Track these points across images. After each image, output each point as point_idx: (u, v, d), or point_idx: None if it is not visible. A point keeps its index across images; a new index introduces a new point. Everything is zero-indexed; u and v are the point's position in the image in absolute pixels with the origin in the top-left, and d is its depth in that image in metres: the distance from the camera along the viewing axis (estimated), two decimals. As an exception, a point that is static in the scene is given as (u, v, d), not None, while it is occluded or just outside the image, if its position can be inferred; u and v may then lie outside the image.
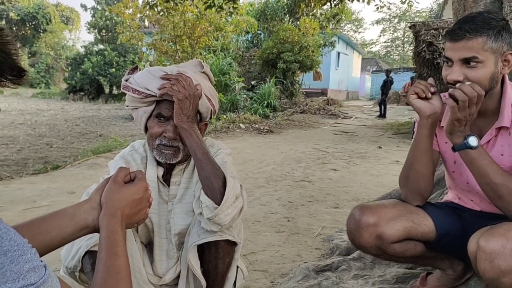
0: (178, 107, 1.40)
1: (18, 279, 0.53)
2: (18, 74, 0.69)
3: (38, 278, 0.56)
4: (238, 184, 1.39)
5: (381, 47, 60.25)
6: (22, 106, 15.10)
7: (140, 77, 1.49)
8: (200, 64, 1.59)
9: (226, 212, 1.33)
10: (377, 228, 1.48)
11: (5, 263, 0.52)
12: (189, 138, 1.42)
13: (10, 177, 4.59)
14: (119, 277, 0.82)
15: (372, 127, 11.71)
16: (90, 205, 0.93)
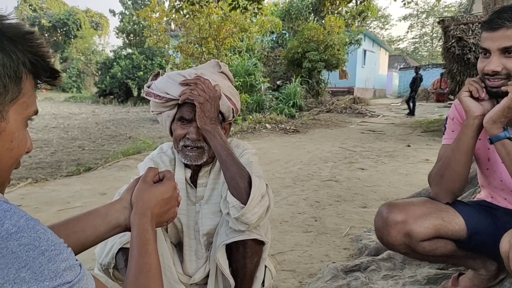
0: (200, 110, 1.42)
1: (55, 278, 0.55)
2: (52, 76, 0.73)
3: (74, 276, 0.58)
4: (264, 183, 1.40)
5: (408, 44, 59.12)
6: (55, 110, 15.58)
7: (160, 83, 1.52)
8: (217, 64, 1.61)
9: (253, 211, 1.35)
10: (406, 226, 1.46)
11: (43, 262, 0.54)
12: (213, 140, 1.43)
13: (45, 179, 4.75)
14: (150, 275, 0.84)
15: (401, 125, 11.50)
16: (121, 205, 0.96)
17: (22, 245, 0.53)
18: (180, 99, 1.45)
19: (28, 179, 4.66)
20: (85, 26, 33.97)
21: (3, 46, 0.63)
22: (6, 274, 0.51)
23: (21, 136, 0.70)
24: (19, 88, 0.66)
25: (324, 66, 16.13)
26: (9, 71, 0.64)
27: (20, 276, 0.52)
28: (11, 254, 0.52)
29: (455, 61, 8.90)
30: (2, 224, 0.53)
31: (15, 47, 0.65)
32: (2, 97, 0.64)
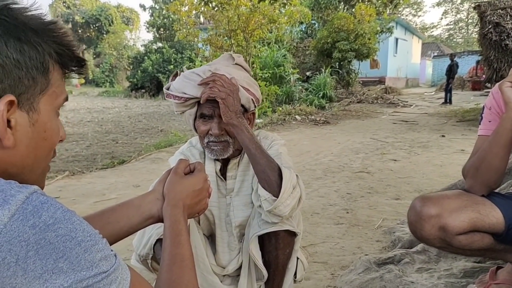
0: (223, 106, 1.41)
1: (91, 267, 0.57)
2: (79, 64, 0.74)
3: (110, 266, 0.60)
4: (294, 174, 1.39)
5: (442, 31, 57.37)
6: (89, 105, 16.03)
7: (177, 83, 1.53)
8: (231, 56, 1.59)
9: (285, 203, 1.34)
10: (440, 220, 1.43)
11: (79, 252, 0.56)
12: (241, 134, 1.43)
13: (81, 172, 4.91)
14: (184, 265, 0.85)
15: (434, 115, 11.19)
16: (154, 196, 0.98)
17: (59, 236, 0.55)
18: (202, 99, 1.44)
19: (65, 171, 4.83)
20: (117, 21, 34.65)
21: (28, 38, 0.63)
22: (44, 264, 0.53)
23: (54, 126, 0.72)
24: (47, 79, 0.67)
25: (354, 56, 15.87)
26: (36, 63, 0.65)
27: (58, 266, 0.54)
28: (49, 245, 0.54)
29: (492, 48, 8.57)
30: (40, 216, 0.54)
31: (40, 38, 0.65)
32: (32, 89, 0.65)
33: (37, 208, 0.55)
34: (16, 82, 0.63)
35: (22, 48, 0.63)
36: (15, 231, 0.52)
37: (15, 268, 0.51)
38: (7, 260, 0.51)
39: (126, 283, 0.62)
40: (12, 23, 0.62)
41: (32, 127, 0.66)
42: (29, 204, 0.55)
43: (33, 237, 0.53)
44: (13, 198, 0.54)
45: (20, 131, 0.65)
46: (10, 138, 0.63)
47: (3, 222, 0.52)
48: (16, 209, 0.53)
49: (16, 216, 0.53)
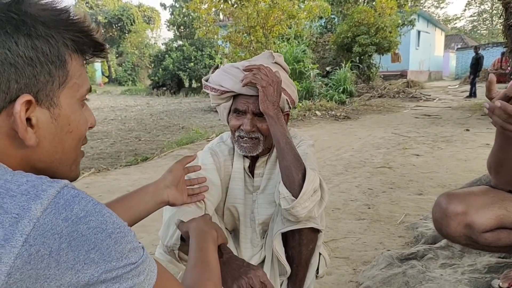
0: (263, 94, 1.42)
1: (121, 258, 0.59)
2: (98, 49, 0.72)
3: (138, 257, 0.62)
4: (318, 177, 1.38)
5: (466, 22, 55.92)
6: (112, 103, 16.30)
7: (215, 76, 1.55)
8: (271, 55, 1.60)
9: (303, 205, 1.33)
10: (466, 217, 1.42)
11: (110, 244, 0.58)
12: (274, 126, 1.42)
13: (106, 169, 5.02)
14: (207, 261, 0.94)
15: (458, 108, 10.97)
16: (164, 184, 1.15)
17: (90, 228, 0.57)
18: (243, 83, 1.45)
19: (91, 169, 4.95)
20: (138, 20, 35.04)
21: (38, 33, 0.62)
22: (77, 255, 0.55)
23: (78, 117, 0.70)
24: (66, 71, 0.66)
25: (375, 50, 15.67)
26: (50, 57, 0.63)
27: (90, 257, 0.56)
28: (81, 237, 0.56)
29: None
30: (72, 209, 0.56)
31: (51, 31, 0.63)
32: (50, 84, 0.64)
33: (69, 202, 0.56)
34: (32, 80, 0.62)
35: (33, 44, 0.61)
36: (48, 224, 0.54)
37: (48, 260, 0.53)
38: (41, 252, 0.53)
39: (153, 275, 0.64)
40: (20, 19, 0.61)
41: (54, 122, 0.66)
42: (61, 198, 0.56)
43: (66, 229, 0.55)
44: (44, 193, 0.56)
45: (43, 128, 0.64)
46: (31, 138, 0.63)
47: (36, 216, 0.53)
48: (48, 203, 0.55)
49: (49, 210, 0.54)
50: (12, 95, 0.61)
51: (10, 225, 0.52)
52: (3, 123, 0.62)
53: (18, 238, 0.52)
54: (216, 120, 9.72)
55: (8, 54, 0.60)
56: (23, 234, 0.52)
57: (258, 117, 1.50)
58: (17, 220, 0.53)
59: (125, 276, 0.59)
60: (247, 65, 1.49)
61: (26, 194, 0.55)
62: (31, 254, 0.52)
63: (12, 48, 0.60)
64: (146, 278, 0.62)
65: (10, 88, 0.61)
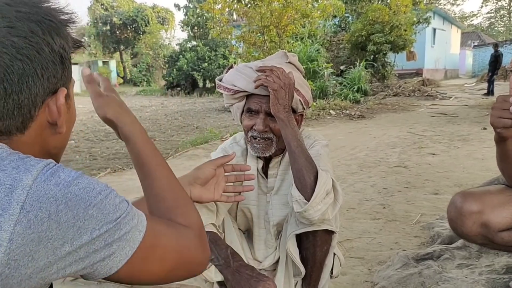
0: (274, 97, 1.41)
1: (116, 210, 0.64)
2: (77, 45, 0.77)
3: (127, 206, 0.67)
4: (330, 179, 1.36)
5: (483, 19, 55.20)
6: (128, 104, 15.94)
7: (229, 75, 1.55)
8: (285, 54, 1.59)
9: (316, 208, 1.32)
10: (482, 216, 1.40)
11: (103, 199, 0.63)
12: (285, 128, 1.42)
13: (122, 169, 5.08)
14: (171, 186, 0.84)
15: (475, 107, 10.80)
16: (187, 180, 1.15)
17: (82, 189, 0.61)
18: (255, 85, 1.45)
19: (107, 169, 5.02)
20: (153, 21, 35.31)
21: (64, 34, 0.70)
22: (76, 214, 0.59)
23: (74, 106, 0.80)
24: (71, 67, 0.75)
25: (390, 48, 15.53)
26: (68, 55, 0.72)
27: (89, 213, 0.60)
28: (76, 197, 0.60)
29: (538, 35, 8.16)
30: (59, 176, 0.61)
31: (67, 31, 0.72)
32: (69, 79, 0.73)
33: (55, 171, 0.61)
34: (62, 76, 0.71)
35: (61, 44, 0.69)
36: (41, 190, 0.58)
37: (48, 222, 0.57)
38: (40, 216, 0.56)
39: (142, 218, 0.69)
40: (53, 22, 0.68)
41: (68, 112, 0.75)
42: (48, 169, 0.61)
43: (59, 192, 0.59)
44: (33, 167, 0.60)
45: (64, 118, 0.73)
46: (63, 126, 0.72)
47: (28, 184, 0.58)
48: (37, 174, 0.59)
49: (39, 178, 0.59)
50: (51, 89, 0.69)
51: (6, 195, 0.56)
52: (41, 115, 0.69)
53: (14, 206, 0.56)
54: (230, 120, 9.75)
55: (50, 52, 0.68)
56: (19, 202, 0.56)
57: (271, 117, 1.49)
58: (11, 190, 0.57)
59: (122, 222, 0.64)
60: (260, 66, 1.49)
61: (16, 168, 0.59)
62: (30, 219, 0.56)
63: (53, 48, 0.68)
64: (139, 221, 0.67)
65: (50, 82, 0.69)
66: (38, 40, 0.66)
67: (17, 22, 0.65)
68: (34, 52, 0.65)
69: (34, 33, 0.65)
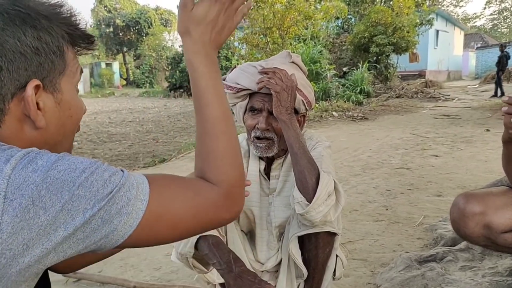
0: (276, 99, 1.42)
1: (105, 185, 0.61)
2: (88, 41, 0.78)
3: (121, 177, 0.64)
4: (332, 181, 1.37)
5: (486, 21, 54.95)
6: (131, 105, 16.52)
7: (232, 74, 1.56)
8: (288, 54, 1.60)
9: (318, 210, 1.32)
10: (485, 217, 1.40)
11: (88, 177, 0.60)
12: (287, 131, 1.43)
13: (124, 171, 5.09)
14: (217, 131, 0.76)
15: (478, 108, 10.77)
16: None
17: (62, 171, 0.60)
18: (257, 87, 1.46)
19: (110, 170, 5.02)
20: (156, 23, 35.41)
21: (42, 25, 0.68)
22: (61, 197, 0.58)
23: (76, 102, 0.77)
24: (64, 61, 0.72)
25: (392, 50, 15.51)
26: (52, 47, 0.69)
27: (75, 193, 0.59)
28: (56, 180, 0.58)
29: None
30: (36, 163, 0.60)
31: (52, 23, 0.69)
32: (52, 72, 0.70)
33: (32, 158, 0.60)
34: (38, 68, 0.68)
35: (38, 35, 0.67)
36: (20, 178, 0.57)
37: (34, 209, 0.56)
38: (24, 203, 0.56)
39: (145, 186, 0.65)
40: (26, 13, 0.67)
41: (58, 106, 0.72)
42: (27, 157, 0.60)
43: (38, 178, 0.58)
44: (13, 157, 0.60)
45: (49, 112, 0.71)
46: (41, 119, 0.69)
47: (8, 173, 0.57)
48: (16, 163, 0.59)
49: (17, 167, 0.58)
50: (22, 81, 0.67)
51: None
52: (14, 108, 0.68)
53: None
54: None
55: (18, 44, 0.66)
56: (1, 192, 0.56)
57: (274, 116, 1.49)
58: None
59: (117, 196, 0.62)
60: (263, 68, 1.49)
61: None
62: (15, 208, 0.55)
63: (21, 39, 0.66)
64: (138, 191, 0.64)
65: (20, 75, 0.66)
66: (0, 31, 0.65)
67: None
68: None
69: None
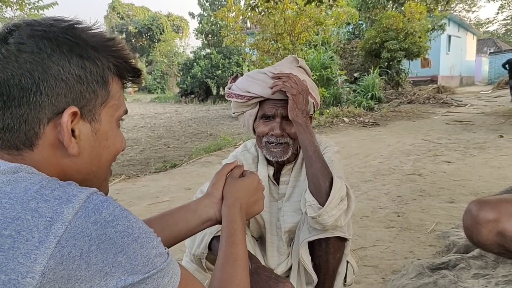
0: (292, 102, 1.43)
1: (147, 263, 0.62)
2: (135, 75, 0.80)
3: (163, 261, 0.65)
4: (345, 186, 1.37)
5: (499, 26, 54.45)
6: (142, 111, 16.65)
7: (241, 82, 1.56)
8: (295, 59, 1.61)
9: (330, 214, 1.33)
10: (498, 224, 1.38)
11: (136, 248, 0.61)
12: (303, 133, 1.44)
13: (136, 176, 5.13)
14: (237, 264, 0.88)
15: (492, 114, 10.64)
16: (210, 200, 1.00)
17: (118, 232, 0.60)
18: (272, 90, 1.47)
19: (122, 175, 5.07)
20: (167, 30, 35.77)
21: (88, 54, 0.70)
22: (105, 258, 0.58)
23: (115, 135, 0.77)
24: (107, 91, 0.73)
25: (404, 55, 15.44)
26: (96, 77, 0.70)
27: (117, 260, 0.59)
28: (109, 240, 0.59)
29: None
30: (101, 213, 0.60)
31: (99, 54, 0.71)
32: (93, 101, 0.71)
33: (98, 206, 0.60)
34: (78, 96, 0.69)
35: (83, 64, 0.69)
36: (79, 227, 0.57)
37: (79, 261, 0.56)
38: (72, 254, 0.56)
39: (177, 278, 0.67)
40: (75, 42, 0.69)
41: (94, 136, 0.72)
42: (90, 202, 0.60)
43: (95, 232, 0.58)
44: (75, 198, 0.59)
45: (84, 140, 0.71)
46: (74, 147, 0.69)
47: (68, 219, 0.57)
48: (79, 207, 0.58)
49: (79, 213, 0.58)
50: (60, 107, 0.67)
51: (45, 228, 0.56)
52: (49, 133, 0.68)
53: (51, 240, 0.55)
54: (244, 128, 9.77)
55: (61, 71, 0.67)
56: (56, 236, 0.55)
57: (286, 121, 1.51)
58: (51, 223, 0.56)
59: (150, 278, 0.62)
60: (277, 73, 1.50)
61: (58, 198, 0.59)
62: (63, 255, 0.55)
63: (65, 66, 0.67)
64: (170, 281, 0.66)
65: (59, 101, 0.67)
66: (45, 56, 0.66)
67: (28, 39, 0.66)
68: (38, 68, 0.65)
69: (42, 50, 0.66)
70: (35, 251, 0.55)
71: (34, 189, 0.59)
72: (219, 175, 1.05)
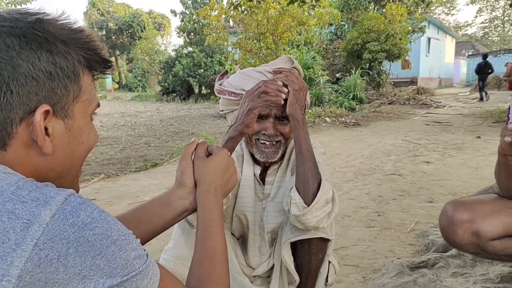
0: (293, 97, 1.42)
1: (126, 266, 0.61)
2: (106, 66, 0.78)
3: (142, 263, 0.64)
4: (331, 189, 1.37)
5: (477, 29, 55.60)
6: (122, 109, 16.43)
7: (234, 80, 1.53)
8: (290, 60, 1.59)
9: (314, 214, 1.32)
10: (473, 225, 1.40)
11: (115, 250, 0.60)
12: (299, 130, 1.42)
13: (116, 175, 5.05)
14: (215, 260, 0.84)
15: (469, 115, 10.87)
16: (183, 191, 0.96)
17: (96, 235, 0.58)
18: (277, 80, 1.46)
19: (101, 174, 4.98)
20: (149, 27, 35.39)
21: (58, 49, 0.67)
22: (83, 261, 0.57)
23: (89, 130, 0.76)
24: (79, 86, 0.71)
25: (385, 57, 15.65)
26: (67, 72, 0.68)
27: (96, 263, 0.58)
28: (87, 242, 0.57)
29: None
30: (78, 216, 0.58)
31: (69, 48, 0.69)
32: (65, 97, 0.69)
33: (75, 208, 0.59)
34: (50, 93, 0.66)
35: (53, 60, 0.66)
36: (56, 230, 0.56)
37: (57, 264, 0.55)
38: (50, 256, 0.55)
39: (156, 279, 0.66)
40: (44, 37, 0.66)
41: (68, 132, 0.70)
42: (68, 204, 0.58)
43: (73, 235, 0.57)
44: (53, 200, 0.58)
45: (58, 138, 0.69)
46: (49, 146, 0.67)
47: (45, 221, 0.56)
48: (56, 209, 0.57)
49: (57, 216, 0.57)
50: (31, 106, 0.65)
51: (21, 230, 0.54)
52: (22, 132, 0.66)
53: (28, 242, 0.54)
54: (225, 126, 9.74)
55: (31, 68, 0.65)
56: (33, 239, 0.54)
57: (279, 121, 1.49)
58: (28, 226, 0.55)
59: (129, 281, 0.61)
60: (278, 67, 1.49)
61: (35, 200, 0.57)
62: (40, 258, 0.54)
63: (35, 63, 0.65)
64: (149, 282, 0.64)
65: (30, 99, 0.65)
66: (14, 54, 0.63)
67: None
68: (8, 67, 0.63)
69: (10, 48, 0.63)
70: (11, 253, 0.53)
71: (10, 190, 0.58)
72: (185, 161, 0.99)
